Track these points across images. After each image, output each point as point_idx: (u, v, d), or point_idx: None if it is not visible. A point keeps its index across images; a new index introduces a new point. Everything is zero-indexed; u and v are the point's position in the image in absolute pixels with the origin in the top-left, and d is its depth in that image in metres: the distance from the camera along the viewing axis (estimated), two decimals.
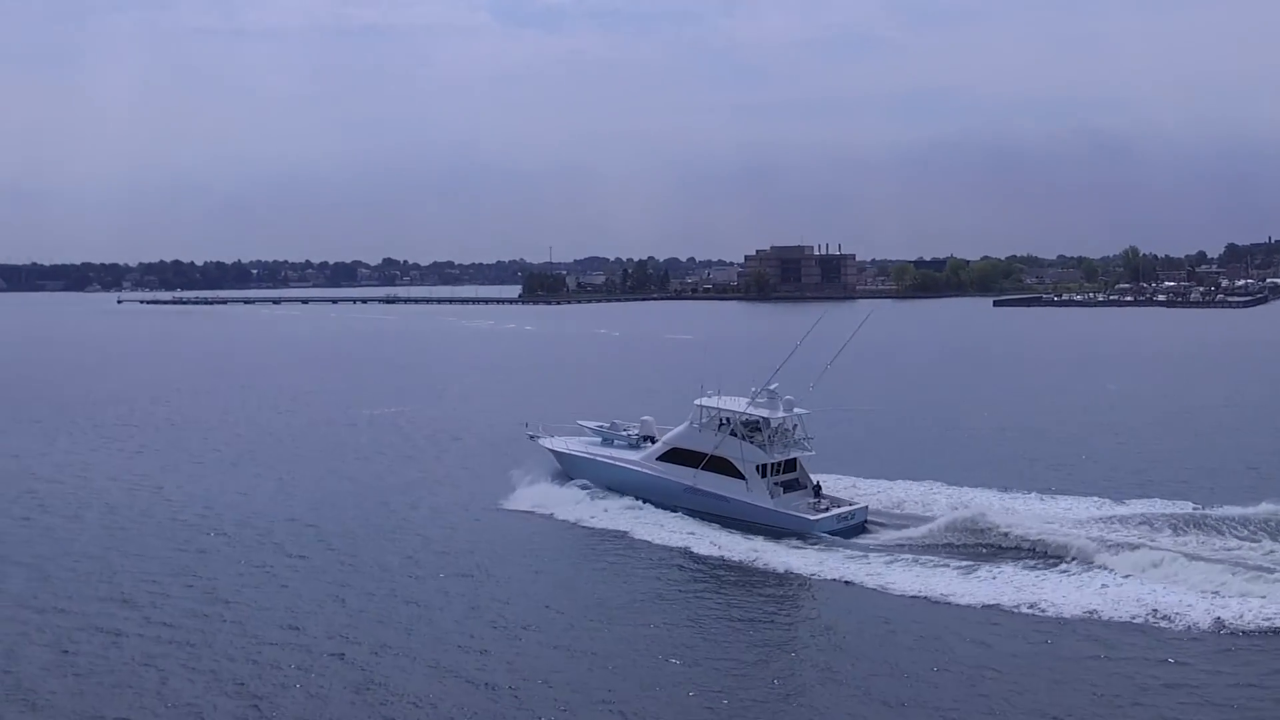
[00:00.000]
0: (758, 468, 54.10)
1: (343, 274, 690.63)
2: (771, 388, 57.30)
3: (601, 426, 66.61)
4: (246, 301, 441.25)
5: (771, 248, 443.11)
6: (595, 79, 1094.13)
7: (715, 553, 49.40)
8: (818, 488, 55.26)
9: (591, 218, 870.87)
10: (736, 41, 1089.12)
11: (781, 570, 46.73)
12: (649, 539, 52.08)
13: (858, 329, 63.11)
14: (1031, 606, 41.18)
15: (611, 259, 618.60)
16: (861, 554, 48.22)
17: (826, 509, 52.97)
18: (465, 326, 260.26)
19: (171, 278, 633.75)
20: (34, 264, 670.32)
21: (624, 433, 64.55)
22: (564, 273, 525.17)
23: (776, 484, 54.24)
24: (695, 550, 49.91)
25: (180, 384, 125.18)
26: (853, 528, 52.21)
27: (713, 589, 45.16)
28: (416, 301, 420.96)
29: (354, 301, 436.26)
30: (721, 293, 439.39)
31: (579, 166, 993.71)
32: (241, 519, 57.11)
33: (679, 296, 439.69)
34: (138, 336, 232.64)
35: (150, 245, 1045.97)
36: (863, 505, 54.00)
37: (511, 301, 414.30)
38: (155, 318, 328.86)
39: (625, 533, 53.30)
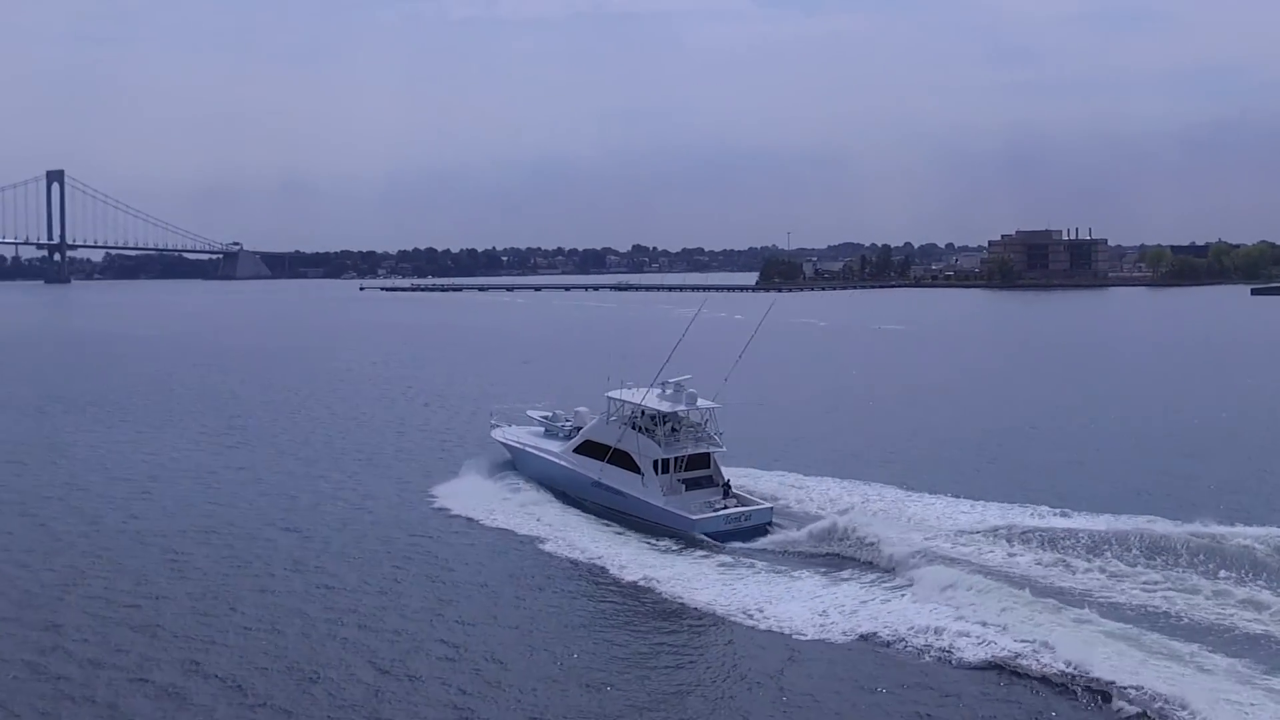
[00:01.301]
0: (654, 463, 51.94)
1: (592, 261, 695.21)
2: (678, 379, 55.10)
3: (545, 417, 64.90)
4: (480, 289, 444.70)
5: (1017, 232, 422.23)
6: (853, 60, 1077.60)
7: (563, 551, 47.04)
8: (727, 486, 52.28)
9: (845, 203, 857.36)
10: (1001, 18, 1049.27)
11: (614, 571, 43.81)
12: (511, 529, 50.46)
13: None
14: (773, 619, 37.69)
15: (865, 244, 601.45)
16: (707, 556, 45.67)
17: (723, 509, 50.10)
18: (673, 314, 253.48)
19: (424, 265, 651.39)
20: (297, 252, 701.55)
21: (562, 424, 62.27)
22: (806, 259, 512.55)
23: (680, 481, 51.91)
24: (546, 548, 47.48)
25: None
26: (747, 530, 49.15)
27: (518, 583, 42.95)
28: (647, 289, 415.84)
29: (585, 289, 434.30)
30: (964, 280, 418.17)
31: (835, 150, 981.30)
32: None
33: (919, 284, 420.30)
34: (338, 322, 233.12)
35: (408, 234, 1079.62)
36: (766, 507, 51.00)
37: (745, 289, 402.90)
38: (382, 304, 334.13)
39: (481, 526, 51.47)
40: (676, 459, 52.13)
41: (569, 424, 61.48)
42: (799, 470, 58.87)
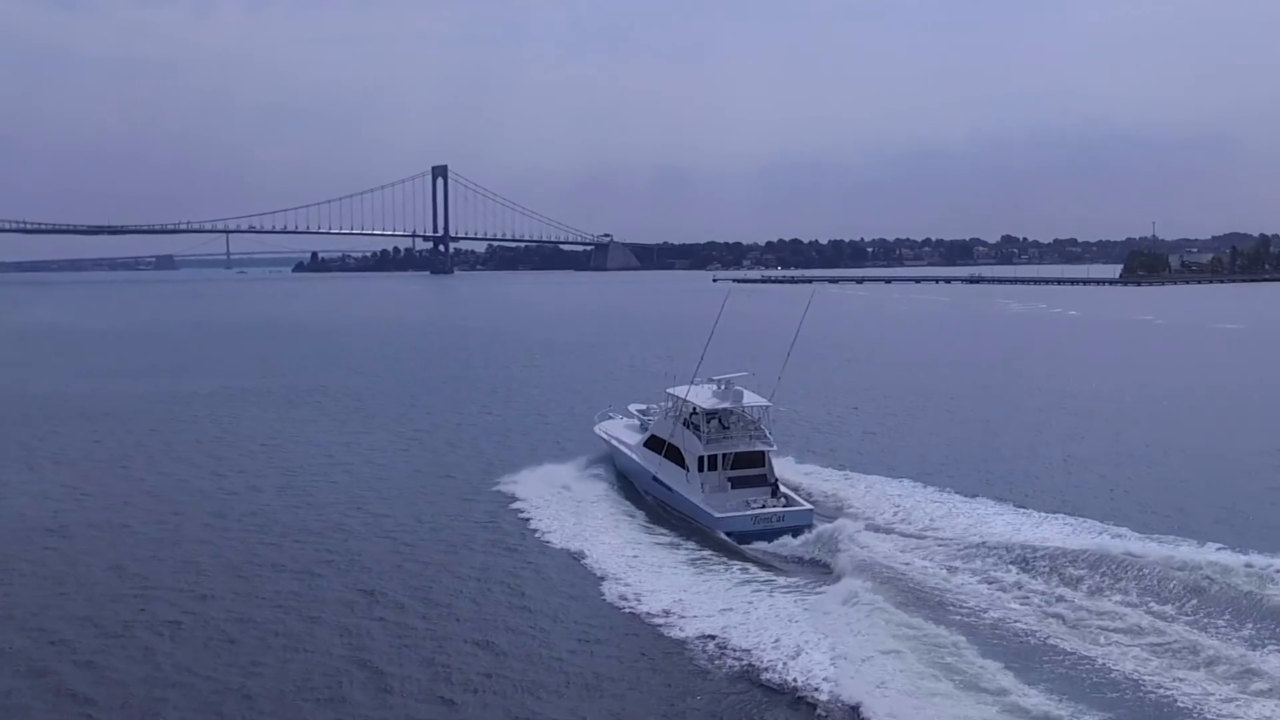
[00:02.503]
0: (699, 459, 51.69)
1: (959, 252, 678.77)
2: (730, 377, 55.02)
3: (641, 410, 64.24)
4: (831, 280, 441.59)
5: None
6: (1241, 41, 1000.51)
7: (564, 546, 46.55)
8: (774, 486, 51.35)
9: (1231, 192, 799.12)
10: None
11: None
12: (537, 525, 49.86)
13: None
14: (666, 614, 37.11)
15: (1254, 235, 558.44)
16: (692, 551, 45.47)
17: (760, 508, 49.08)
18: (1007, 310, 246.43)
19: (789, 257, 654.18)
20: (665, 244, 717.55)
21: (652, 417, 61.08)
22: (1186, 250, 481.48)
23: (728, 478, 51.32)
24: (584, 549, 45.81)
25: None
26: (778, 530, 47.67)
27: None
28: (1001, 281, 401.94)
29: (936, 281, 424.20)
30: None
31: (1222, 136, 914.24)
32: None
33: None
34: (647, 312, 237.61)
35: (776, 225, 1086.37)
36: (806, 509, 49.37)
37: (1106, 282, 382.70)
38: (718, 295, 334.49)
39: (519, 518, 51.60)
40: (724, 455, 51.63)
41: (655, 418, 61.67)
42: (898, 475, 56.97)
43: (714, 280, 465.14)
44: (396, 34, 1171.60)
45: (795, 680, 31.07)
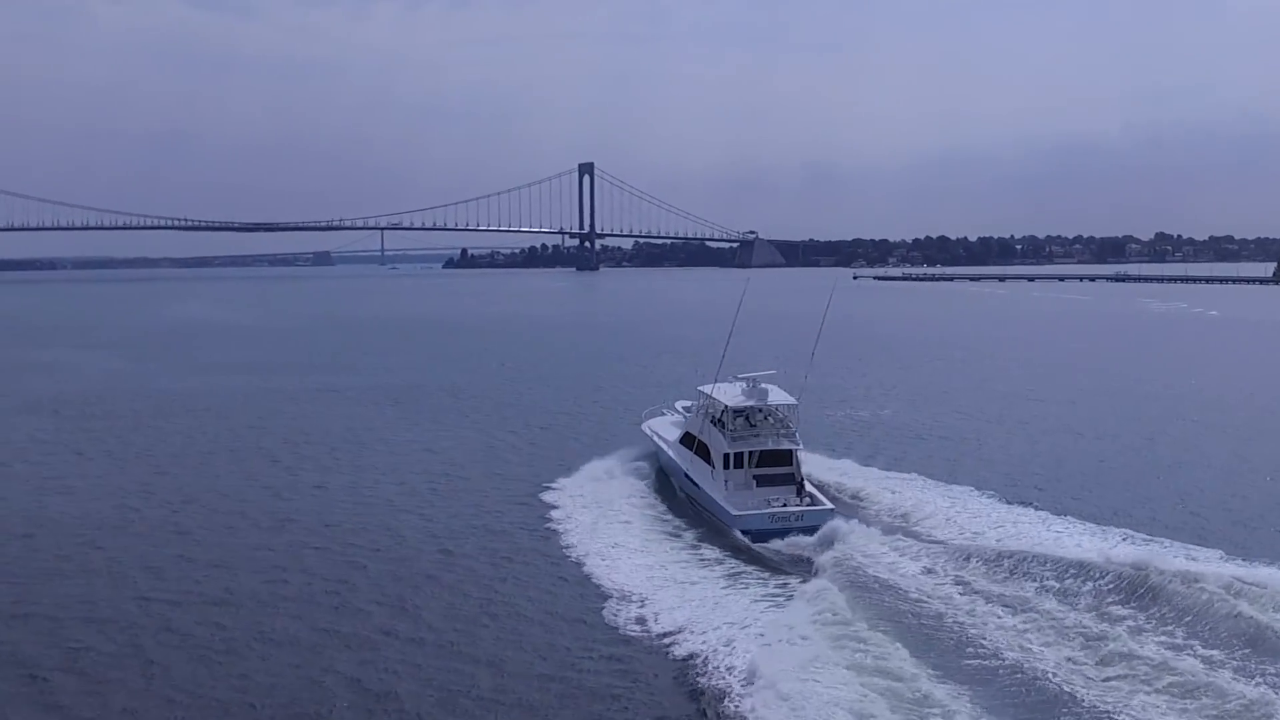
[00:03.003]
0: (725, 456, 52.24)
1: (1110, 249, 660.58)
2: (756, 375, 55.87)
3: (685, 407, 63.81)
4: (971, 279, 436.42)
5: None
6: None
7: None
8: (800, 485, 51.33)
9: None
10: None
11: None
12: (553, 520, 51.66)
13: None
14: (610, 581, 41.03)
15: None
16: (718, 554, 45.51)
17: (781, 507, 49.39)
18: (1148, 309, 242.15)
19: (935, 254, 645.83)
20: (810, 240, 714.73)
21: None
22: None
23: (754, 476, 51.89)
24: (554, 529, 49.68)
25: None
26: (796, 529, 47.83)
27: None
28: (1146, 280, 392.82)
29: (1080, 279, 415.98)
30: None
31: None
32: None
33: None
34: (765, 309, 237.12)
35: (924, 221, 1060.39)
36: (826, 509, 49.14)
37: (1258, 281, 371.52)
38: (858, 294, 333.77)
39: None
40: (750, 454, 52.21)
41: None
42: (949, 480, 56.78)
43: (854, 278, 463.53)
44: (546, 34, 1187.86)
45: (711, 681, 31.78)
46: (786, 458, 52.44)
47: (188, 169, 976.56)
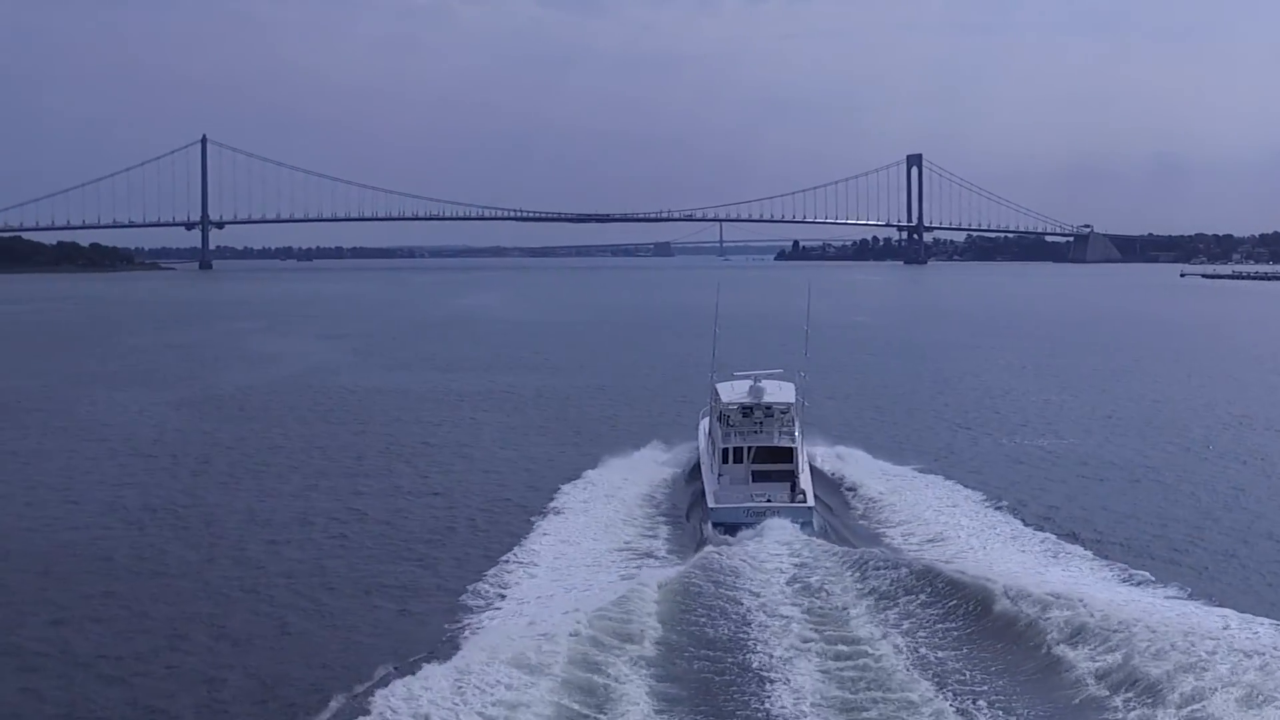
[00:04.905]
0: (723, 452, 52.74)
1: None
2: (759, 373, 56.86)
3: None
4: None
5: None
6: None
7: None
8: (794, 482, 51.19)
9: None
10: None
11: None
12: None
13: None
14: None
15: None
16: (672, 544, 47.00)
17: (767, 501, 49.34)
18: None
19: None
20: (1149, 235, 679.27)
21: None
22: None
23: (751, 472, 51.63)
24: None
25: None
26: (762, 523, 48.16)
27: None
28: None
29: None
30: None
31: None
32: None
33: None
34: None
35: (1273, 215, 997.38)
36: (805, 506, 48.80)
37: None
38: (1170, 294, 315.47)
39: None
40: (749, 449, 52.40)
41: None
42: (978, 491, 55.26)
43: (1181, 275, 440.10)
44: (883, 24, 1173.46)
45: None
46: (786, 454, 52.55)
47: (534, 163, 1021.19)
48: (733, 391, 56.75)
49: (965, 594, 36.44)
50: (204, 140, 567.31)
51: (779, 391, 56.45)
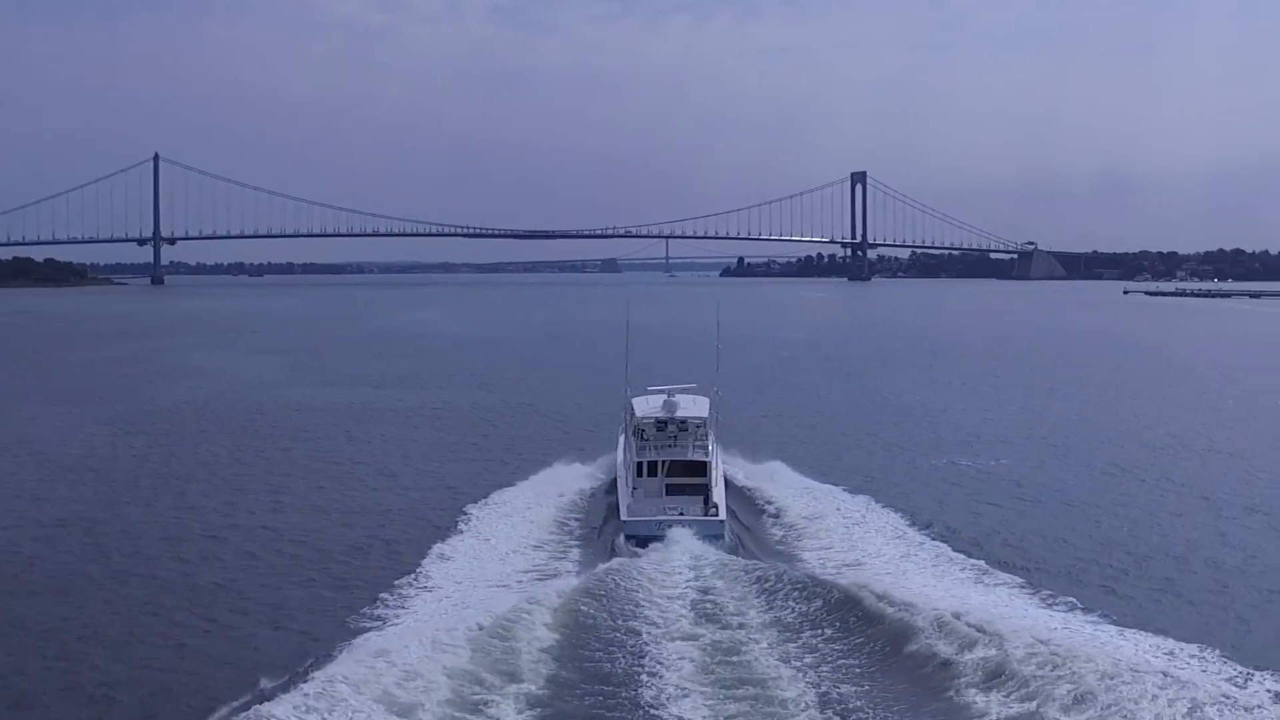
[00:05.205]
0: (636, 465, 52.77)
1: None
2: (672, 387, 57.33)
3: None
4: (1252, 295, 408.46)
5: None
6: None
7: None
8: (708, 496, 50.66)
9: None
10: None
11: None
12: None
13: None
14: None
15: None
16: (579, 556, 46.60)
17: (680, 514, 48.70)
18: None
19: (1228, 267, 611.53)
20: (1094, 252, 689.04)
21: None
22: None
23: (666, 485, 51.38)
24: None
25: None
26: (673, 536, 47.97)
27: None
28: None
29: None
30: None
31: None
32: None
33: None
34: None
35: (1222, 233, 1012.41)
36: (717, 520, 48.25)
37: None
38: (1098, 311, 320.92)
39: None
40: (662, 463, 52.51)
41: None
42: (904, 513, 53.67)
43: (1124, 293, 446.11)
44: (830, 43, 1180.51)
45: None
46: (699, 468, 52.46)
47: (484, 179, 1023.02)
48: (647, 406, 56.89)
49: (871, 617, 35.58)
50: (156, 158, 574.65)
51: (693, 406, 56.53)
